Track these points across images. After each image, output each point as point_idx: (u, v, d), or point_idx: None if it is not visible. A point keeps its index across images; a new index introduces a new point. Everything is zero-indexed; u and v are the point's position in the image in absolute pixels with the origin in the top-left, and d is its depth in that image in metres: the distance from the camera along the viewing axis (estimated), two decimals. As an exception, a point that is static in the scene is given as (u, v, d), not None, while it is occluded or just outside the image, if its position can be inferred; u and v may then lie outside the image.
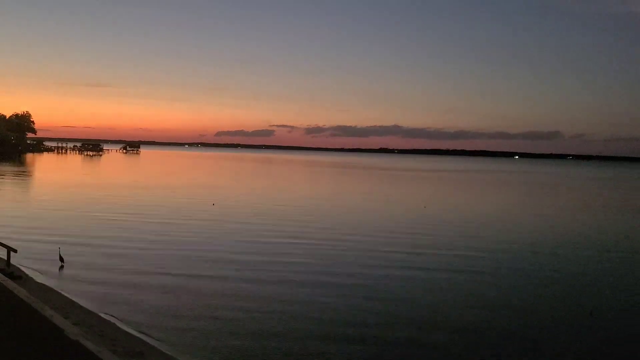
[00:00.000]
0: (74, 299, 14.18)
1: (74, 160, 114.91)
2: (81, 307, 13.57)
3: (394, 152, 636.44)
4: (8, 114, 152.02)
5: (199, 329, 12.27)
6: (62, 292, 14.76)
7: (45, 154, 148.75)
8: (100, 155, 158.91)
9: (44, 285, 15.39)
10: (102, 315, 13.03)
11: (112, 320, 12.71)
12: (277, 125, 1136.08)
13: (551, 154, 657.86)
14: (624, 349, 12.37)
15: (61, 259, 17.80)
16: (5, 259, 16.41)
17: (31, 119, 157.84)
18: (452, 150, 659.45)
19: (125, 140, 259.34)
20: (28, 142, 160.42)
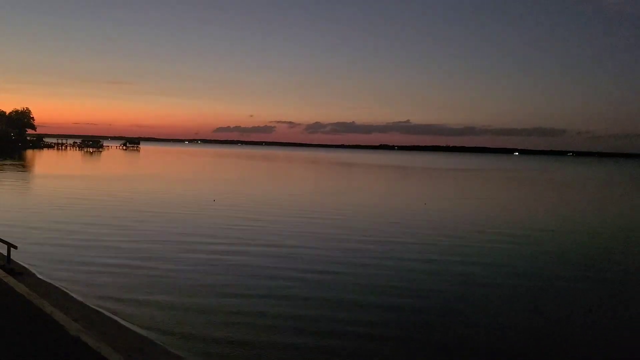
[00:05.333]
0: (74, 296, 14.22)
1: (74, 157, 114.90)
2: (82, 303, 13.61)
3: (394, 149, 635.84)
4: (8, 110, 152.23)
5: (199, 325, 12.31)
6: (63, 289, 14.80)
7: (45, 150, 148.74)
8: (100, 151, 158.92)
9: (44, 281, 15.42)
10: (103, 311, 13.07)
11: (113, 316, 12.75)
12: (277, 122, 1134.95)
13: (555, 150, 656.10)
14: (624, 348, 12.41)
15: None
16: (6, 255, 16.45)
17: (31, 115, 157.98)
18: (452, 147, 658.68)
19: (125, 137, 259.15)
20: (28, 138, 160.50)
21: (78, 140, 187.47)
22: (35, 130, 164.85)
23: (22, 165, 77.20)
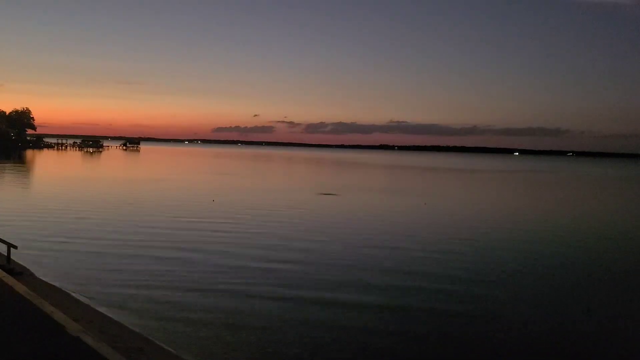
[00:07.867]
0: (74, 295, 14.22)
1: (74, 157, 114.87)
2: (81, 303, 13.61)
3: (395, 149, 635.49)
4: (8, 110, 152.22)
5: (200, 326, 12.30)
6: (63, 289, 14.79)
7: (45, 150, 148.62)
8: (100, 151, 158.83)
9: (44, 281, 15.41)
10: (102, 311, 13.07)
11: (112, 316, 12.75)
12: (277, 122, 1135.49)
13: (556, 150, 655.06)
14: (622, 347, 12.40)
15: None
16: (6, 255, 16.45)
17: (31, 115, 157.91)
18: (453, 147, 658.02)
19: (125, 137, 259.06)
20: (28, 138, 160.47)
21: (78, 141, 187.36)
22: (35, 130, 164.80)
23: (22, 165, 77.18)
